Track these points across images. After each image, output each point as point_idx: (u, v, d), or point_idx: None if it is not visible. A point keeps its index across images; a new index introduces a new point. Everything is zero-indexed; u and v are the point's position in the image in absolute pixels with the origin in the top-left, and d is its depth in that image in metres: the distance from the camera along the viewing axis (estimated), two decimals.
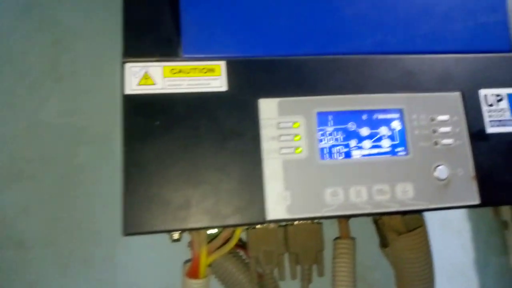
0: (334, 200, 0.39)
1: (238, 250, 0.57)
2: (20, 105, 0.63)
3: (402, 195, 0.40)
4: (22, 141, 0.63)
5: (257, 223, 0.39)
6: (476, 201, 0.41)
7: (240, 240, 0.59)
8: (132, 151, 0.38)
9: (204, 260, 0.47)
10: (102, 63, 0.59)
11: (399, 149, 0.41)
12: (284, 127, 0.40)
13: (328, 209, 0.39)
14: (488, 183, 0.42)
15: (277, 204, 0.39)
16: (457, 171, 0.42)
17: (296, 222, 0.51)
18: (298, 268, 0.53)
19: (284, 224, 0.52)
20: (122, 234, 0.37)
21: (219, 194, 0.38)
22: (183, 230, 0.38)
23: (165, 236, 0.48)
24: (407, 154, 0.41)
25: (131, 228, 0.37)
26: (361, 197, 0.40)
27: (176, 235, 0.49)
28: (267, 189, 0.39)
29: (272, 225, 0.50)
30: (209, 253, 0.48)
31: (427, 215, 0.71)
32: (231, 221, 0.38)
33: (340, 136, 0.41)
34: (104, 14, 0.62)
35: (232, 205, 0.38)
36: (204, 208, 0.38)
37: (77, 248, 0.61)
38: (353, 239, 0.54)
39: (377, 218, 0.55)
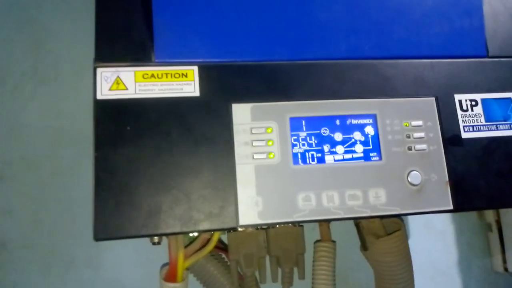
0: (306, 205, 0.39)
1: (220, 253, 0.58)
2: (1, 107, 0.63)
3: (375, 200, 0.40)
4: (3, 143, 0.63)
5: (229, 229, 0.39)
6: (450, 206, 0.41)
7: (221, 242, 0.59)
8: (103, 156, 0.38)
9: (181, 264, 0.47)
10: (84, 65, 0.58)
11: (372, 154, 0.41)
12: (257, 132, 0.40)
13: (300, 214, 0.39)
14: (461, 188, 0.42)
15: (249, 209, 0.39)
16: (430, 176, 0.42)
17: (276, 225, 0.51)
18: (279, 271, 0.53)
19: (265, 227, 0.52)
20: (93, 239, 0.37)
21: (190, 200, 0.38)
22: (154, 236, 0.38)
23: (147, 239, 0.48)
24: (380, 159, 0.41)
25: (101, 233, 0.37)
26: (333, 202, 0.40)
27: (155, 239, 0.49)
28: (239, 194, 0.39)
29: (252, 228, 0.51)
30: (187, 256, 0.48)
31: (410, 218, 0.71)
32: (203, 226, 0.38)
33: (313, 141, 0.41)
34: (86, 16, 0.61)
35: (204, 211, 0.38)
36: (175, 213, 0.38)
37: (59, 249, 0.61)
38: (333, 242, 0.54)
39: (358, 222, 0.55)
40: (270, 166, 0.40)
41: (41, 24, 0.67)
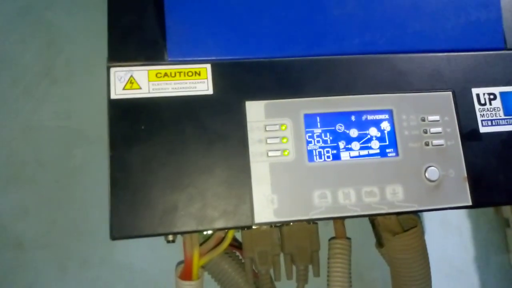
0: (322, 202, 0.39)
1: (234, 251, 0.57)
2: (15, 108, 0.64)
3: (392, 197, 0.40)
4: (18, 144, 0.64)
5: (244, 227, 0.38)
6: (468, 202, 0.41)
7: (236, 240, 0.59)
8: (118, 155, 0.38)
9: (196, 262, 0.47)
10: (96, 64, 0.59)
11: (388, 150, 0.41)
12: (271, 130, 0.40)
13: (315, 212, 0.39)
14: (480, 184, 0.41)
15: (264, 207, 0.39)
16: (448, 172, 0.41)
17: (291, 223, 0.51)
18: (294, 268, 0.53)
19: (279, 225, 0.52)
20: (110, 238, 0.37)
21: (205, 198, 0.38)
22: (169, 234, 0.38)
23: (162, 237, 0.48)
24: (397, 155, 0.41)
25: (117, 232, 0.37)
26: (349, 199, 0.39)
27: (170, 237, 0.49)
28: (254, 192, 0.39)
29: (266, 226, 0.50)
30: (202, 254, 0.48)
31: (426, 214, 0.70)
32: (218, 224, 0.38)
33: (328, 138, 0.41)
34: (98, 16, 0.62)
35: (219, 209, 0.38)
36: (190, 211, 0.38)
37: (75, 249, 0.62)
38: (348, 239, 0.53)
39: (373, 218, 0.54)
40: (285, 163, 0.40)
41: (53, 24, 0.68)
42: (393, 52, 0.43)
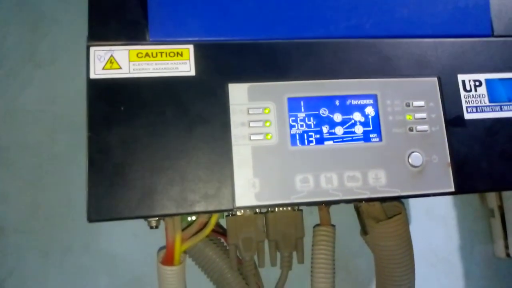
0: (304, 186, 0.39)
1: (219, 237, 0.57)
2: None
3: (374, 182, 0.39)
4: (0, 129, 0.62)
5: (225, 210, 0.38)
6: (451, 188, 0.41)
7: (220, 227, 0.58)
8: (97, 137, 0.37)
9: (178, 247, 0.47)
10: (82, 49, 0.57)
11: (372, 135, 0.41)
12: (254, 113, 0.39)
13: (297, 196, 0.39)
14: (463, 170, 0.41)
15: (246, 191, 0.38)
16: (432, 158, 0.41)
17: (276, 209, 0.51)
18: (278, 255, 0.53)
19: (265, 211, 0.52)
20: (87, 220, 0.36)
21: (186, 181, 0.37)
22: (149, 217, 0.38)
23: (145, 223, 0.47)
24: (380, 140, 0.40)
25: (95, 214, 0.36)
26: (331, 184, 0.39)
27: (153, 222, 0.49)
28: (235, 176, 0.38)
29: (251, 212, 0.50)
30: (184, 240, 0.47)
31: (411, 202, 0.70)
32: (199, 207, 0.37)
33: (311, 122, 0.40)
34: None
35: (200, 192, 0.37)
36: (170, 194, 0.37)
37: (57, 235, 0.61)
38: (333, 226, 0.53)
39: (358, 205, 0.54)
40: (268, 147, 0.39)
41: (37, 6, 0.66)
42: (379, 36, 0.43)
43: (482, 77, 0.43)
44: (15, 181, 0.62)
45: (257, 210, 0.50)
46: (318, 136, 0.40)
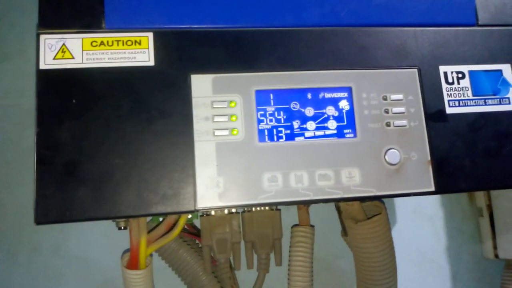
0: (272, 186, 0.36)
1: (193, 239, 0.55)
2: None
3: (348, 181, 0.37)
4: None
5: (186, 212, 0.35)
6: (431, 187, 0.38)
7: (194, 227, 0.56)
8: (46, 132, 0.34)
9: (143, 250, 0.44)
10: None
11: (346, 131, 0.38)
12: (219, 107, 0.37)
13: (265, 196, 0.36)
14: (444, 168, 0.38)
15: (209, 191, 0.35)
16: (410, 155, 0.38)
17: (253, 208, 0.48)
18: (255, 257, 0.50)
19: (241, 211, 0.49)
20: (34, 223, 0.33)
21: (143, 180, 0.35)
22: (101, 219, 0.35)
23: (115, 223, 0.45)
24: (355, 136, 0.38)
25: (43, 217, 0.33)
26: (302, 183, 0.36)
27: (121, 223, 0.46)
28: (197, 174, 0.35)
29: (225, 212, 0.48)
30: (150, 242, 0.45)
31: (397, 201, 0.68)
32: (156, 209, 0.34)
33: (281, 116, 0.37)
34: None
35: (158, 192, 0.35)
36: (126, 195, 0.34)
37: (25, 235, 0.58)
38: (312, 226, 0.51)
39: (338, 205, 0.52)
40: (233, 143, 0.36)
41: None
42: (355, 25, 0.40)
43: (465, 68, 0.41)
44: None
45: (232, 210, 0.48)
46: (288, 131, 0.37)
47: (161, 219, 0.47)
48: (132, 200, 0.34)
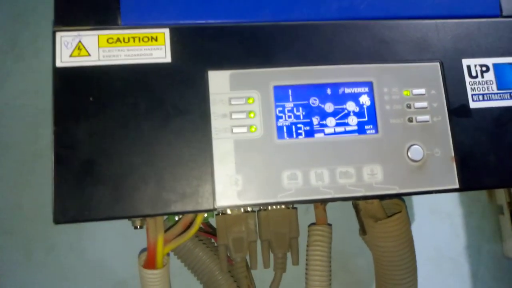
0: (291, 184, 0.35)
1: (209, 238, 0.54)
2: None
3: (370, 178, 0.36)
4: None
5: (204, 211, 0.35)
6: (455, 185, 0.37)
7: (210, 226, 0.55)
8: (63, 131, 0.34)
9: (160, 249, 0.44)
10: None
11: (367, 127, 0.37)
12: (237, 103, 0.36)
13: (284, 194, 0.35)
14: (468, 165, 0.37)
15: (227, 189, 0.35)
16: (434, 151, 0.37)
17: (269, 207, 0.48)
18: (271, 256, 0.50)
19: (257, 209, 0.49)
20: (53, 222, 0.33)
21: (161, 178, 0.34)
22: (120, 219, 0.34)
23: (130, 222, 0.44)
24: (376, 132, 0.37)
25: (62, 216, 0.33)
26: (322, 181, 0.35)
27: (137, 222, 0.46)
28: (216, 172, 0.35)
29: (241, 211, 0.47)
30: (167, 241, 0.44)
31: (415, 198, 0.67)
32: (175, 208, 0.34)
33: (300, 113, 0.37)
34: None
35: (176, 191, 0.34)
36: (144, 194, 0.34)
37: (41, 235, 0.58)
38: (329, 225, 0.50)
39: (356, 203, 0.51)
40: (252, 140, 0.36)
41: None
42: (375, 18, 0.39)
43: (489, 61, 0.39)
44: None
45: (248, 208, 0.47)
46: (307, 128, 0.36)
47: (176, 218, 0.47)
48: (150, 199, 0.34)
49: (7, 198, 0.59)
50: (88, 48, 0.35)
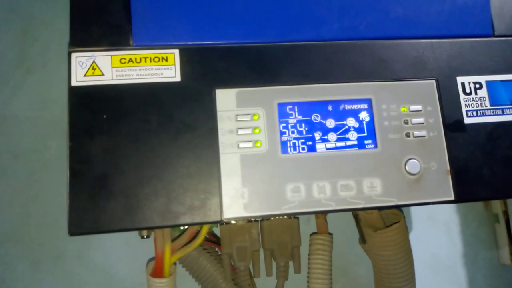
0: (295, 196, 0.37)
1: (213, 247, 0.56)
2: None
3: (369, 191, 0.38)
4: None
5: (212, 223, 0.36)
6: (451, 196, 0.39)
7: (214, 236, 0.57)
8: (78, 146, 0.36)
9: (168, 259, 0.45)
10: None
11: (367, 141, 0.39)
12: (243, 120, 0.38)
13: (288, 206, 0.37)
14: (463, 177, 0.39)
15: (234, 202, 0.36)
16: (430, 165, 0.39)
17: (272, 217, 0.49)
18: (274, 264, 0.51)
19: (260, 220, 0.50)
20: (68, 234, 0.35)
21: (171, 191, 0.36)
22: (132, 230, 0.36)
23: (137, 232, 0.46)
24: (375, 147, 0.39)
25: (76, 228, 0.35)
26: (324, 193, 0.37)
27: (144, 232, 0.47)
28: (223, 185, 0.36)
29: (243, 221, 0.48)
30: (174, 251, 0.46)
31: (413, 208, 0.68)
32: (184, 220, 0.36)
33: (303, 128, 0.38)
34: None
35: (185, 203, 0.36)
36: (154, 206, 0.35)
37: (49, 244, 0.60)
38: (330, 234, 0.52)
39: (356, 213, 0.52)
40: (257, 155, 0.37)
41: (28, 10, 0.65)
42: (374, 38, 0.41)
43: (482, 79, 0.41)
44: (5, 189, 0.60)
45: (252, 218, 0.49)
46: (310, 143, 0.38)
47: (182, 227, 0.48)
48: (160, 211, 0.35)
49: (15, 208, 0.60)
50: (101, 68, 0.37)
